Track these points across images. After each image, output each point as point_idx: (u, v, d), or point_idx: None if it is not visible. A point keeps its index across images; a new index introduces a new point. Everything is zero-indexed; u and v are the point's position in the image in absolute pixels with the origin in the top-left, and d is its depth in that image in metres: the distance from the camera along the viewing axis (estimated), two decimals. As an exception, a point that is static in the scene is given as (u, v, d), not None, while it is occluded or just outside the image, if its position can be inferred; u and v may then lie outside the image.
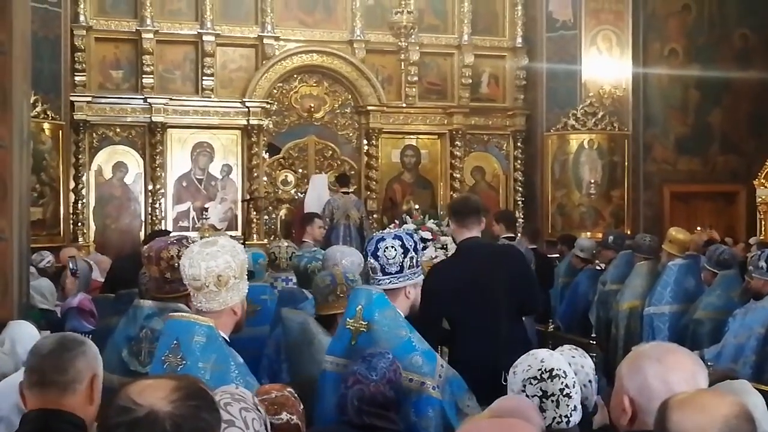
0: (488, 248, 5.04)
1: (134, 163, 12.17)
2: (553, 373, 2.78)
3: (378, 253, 3.67)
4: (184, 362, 2.87)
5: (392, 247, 3.67)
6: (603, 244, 8.99)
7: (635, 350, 2.42)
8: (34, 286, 6.43)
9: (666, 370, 2.26)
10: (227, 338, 3.02)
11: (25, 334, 4.10)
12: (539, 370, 2.79)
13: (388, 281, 3.68)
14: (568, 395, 2.77)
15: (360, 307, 3.54)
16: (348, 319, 3.55)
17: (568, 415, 2.77)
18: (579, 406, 2.82)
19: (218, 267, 2.95)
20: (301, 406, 2.76)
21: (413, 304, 3.75)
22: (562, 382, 2.78)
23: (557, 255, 10.67)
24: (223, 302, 3.00)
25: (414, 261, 3.73)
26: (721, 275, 6.82)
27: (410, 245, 3.71)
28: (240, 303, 3.07)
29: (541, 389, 2.76)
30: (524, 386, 2.80)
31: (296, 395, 2.79)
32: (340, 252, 4.77)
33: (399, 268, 3.68)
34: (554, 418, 2.75)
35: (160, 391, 1.74)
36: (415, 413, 3.38)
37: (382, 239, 3.71)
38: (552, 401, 2.75)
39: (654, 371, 2.27)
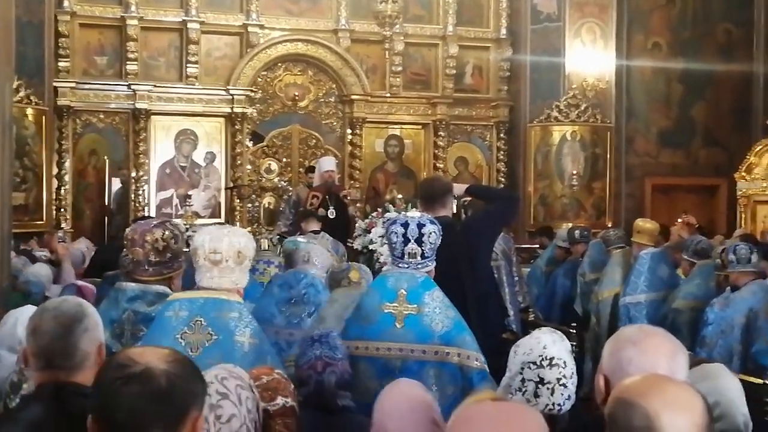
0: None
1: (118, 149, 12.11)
2: (553, 362, 2.78)
3: (423, 239, 3.66)
4: (214, 337, 2.95)
5: (433, 232, 3.69)
6: (571, 241, 9.07)
7: (619, 331, 2.43)
8: (32, 272, 6.30)
9: (640, 353, 2.26)
10: None
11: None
12: (540, 356, 2.79)
13: (424, 265, 3.69)
14: (564, 385, 2.77)
15: (403, 291, 3.55)
16: (386, 303, 3.55)
17: (561, 404, 2.77)
18: (573, 396, 2.82)
19: (240, 243, 3.04)
20: (292, 386, 2.76)
21: None
22: (560, 372, 2.78)
23: (537, 246, 10.78)
24: (235, 281, 3.09)
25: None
26: (699, 265, 6.86)
27: (439, 229, 3.75)
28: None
29: (538, 375, 2.77)
30: (522, 369, 2.80)
31: (286, 376, 2.81)
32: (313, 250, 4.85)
33: (432, 252, 3.71)
34: (547, 404, 2.75)
35: (157, 354, 1.84)
36: (470, 386, 3.42)
37: (423, 225, 3.69)
38: (548, 389, 2.76)
39: (629, 354, 2.27)
